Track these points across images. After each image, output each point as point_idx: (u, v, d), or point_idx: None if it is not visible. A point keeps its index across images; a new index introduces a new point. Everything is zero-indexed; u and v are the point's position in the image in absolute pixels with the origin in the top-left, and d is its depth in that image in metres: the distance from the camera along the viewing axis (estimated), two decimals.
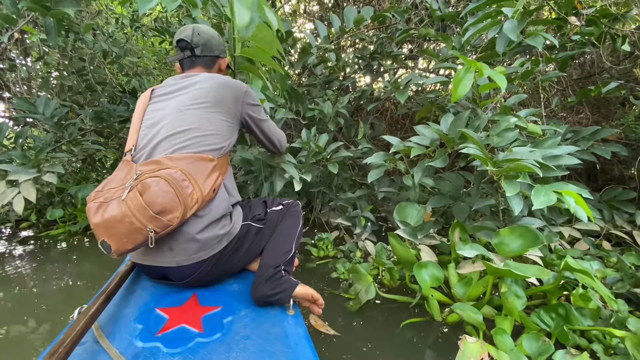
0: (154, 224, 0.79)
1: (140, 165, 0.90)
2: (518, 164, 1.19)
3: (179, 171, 0.85)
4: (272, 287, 0.92)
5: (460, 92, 1.36)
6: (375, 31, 2.37)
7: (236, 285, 1.05)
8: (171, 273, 0.94)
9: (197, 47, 1.11)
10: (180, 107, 0.98)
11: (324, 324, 1.34)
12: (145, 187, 0.80)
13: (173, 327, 0.82)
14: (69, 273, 2.02)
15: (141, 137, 0.98)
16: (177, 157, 0.90)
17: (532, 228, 1.26)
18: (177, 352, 0.75)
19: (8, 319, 1.56)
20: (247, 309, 0.91)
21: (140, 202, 0.78)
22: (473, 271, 1.38)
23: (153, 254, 0.91)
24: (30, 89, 2.91)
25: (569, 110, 2.99)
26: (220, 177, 0.98)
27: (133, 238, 0.80)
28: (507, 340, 1.05)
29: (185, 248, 0.89)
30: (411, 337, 1.34)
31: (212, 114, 0.99)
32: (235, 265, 1.04)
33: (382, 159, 1.69)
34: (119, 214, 0.78)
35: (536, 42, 1.46)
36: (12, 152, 1.95)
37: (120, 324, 0.84)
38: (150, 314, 0.88)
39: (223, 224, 0.96)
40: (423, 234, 1.66)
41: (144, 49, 3.10)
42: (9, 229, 2.76)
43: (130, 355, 0.73)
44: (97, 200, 0.83)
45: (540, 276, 1.05)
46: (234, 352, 0.75)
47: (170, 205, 0.80)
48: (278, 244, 1.06)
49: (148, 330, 0.82)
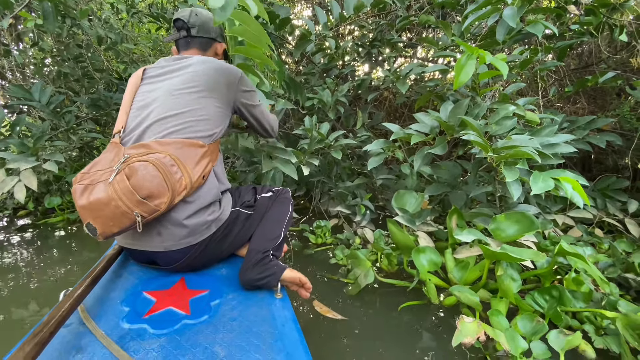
0: (140, 208, 0.78)
1: (128, 148, 0.89)
2: (517, 150, 1.21)
3: (167, 156, 0.84)
4: (260, 271, 0.92)
5: (462, 79, 1.37)
6: (375, 18, 2.35)
7: (224, 269, 1.06)
8: (159, 258, 0.94)
9: (193, 28, 1.10)
10: (172, 91, 0.96)
11: (329, 310, 1.36)
12: (132, 171, 0.79)
13: (160, 310, 0.83)
14: (67, 260, 2.03)
15: (131, 119, 0.96)
16: (166, 142, 0.88)
17: (528, 214, 1.29)
18: (164, 333, 0.75)
19: (6, 306, 1.58)
20: (235, 293, 0.92)
21: (127, 185, 0.77)
22: (470, 256, 1.41)
23: (141, 238, 0.90)
24: (25, 77, 2.87)
25: (566, 100, 3.01)
26: (211, 163, 0.96)
27: (119, 222, 0.79)
28: (502, 320, 1.08)
29: (173, 233, 0.89)
30: (409, 320, 1.38)
31: (205, 99, 0.97)
32: (224, 251, 1.04)
33: (382, 146, 1.70)
34: (105, 197, 0.77)
35: (536, 29, 1.46)
36: (10, 140, 1.94)
37: (106, 307, 0.84)
38: (137, 296, 0.88)
39: (212, 210, 0.96)
40: (421, 221, 1.69)
41: (140, 36, 3.05)
42: (6, 217, 2.76)
43: (117, 336, 0.74)
44: (83, 182, 0.82)
45: (536, 259, 1.09)
46: (221, 333, 0.76)
47: (157, 190, 0.79)
48: (267, 229, 1.06)
49: (135, 312, 0.82)
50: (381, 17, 2.37)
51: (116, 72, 2.50)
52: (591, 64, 2.98)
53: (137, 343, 0.72)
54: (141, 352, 0.70)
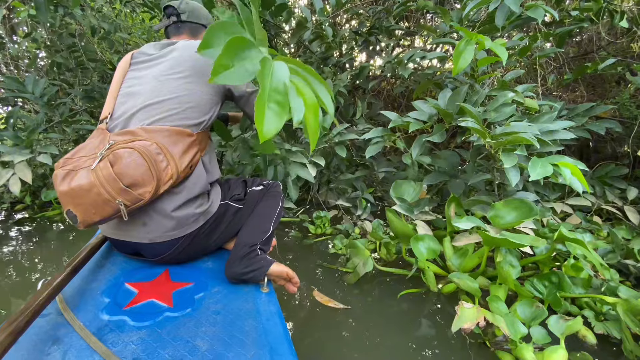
0: (123, 196, 0.75)
1: (114, 134, 0.86)
2: (516, 136, 1.20)
3: (154, 144, 0.81)
4: (246, 265, 0.90)
5: (461, 65, 1.35)
6: (372, 5, 2.32)
7: (210, 262, 1.03)
8: (144, 249, 0.92)
9: (183, 14, 1.09)
10: (159, 77, 0.93)
11: (330, 300, 1.36)
12: (117, 158, 0.76)
13: (142, 302, 0.80)
14: (65, 254, 2.02)
15: (117, 105, 0.93)
16: (153, 130, 0.85)
17: (526, 200, 1.29)
18: (145, 325, 0.73)
19: (4, 300, 1.57)
20: (220, 286, 0.90)
21: (110, 172, 0.75)
22: (468, 243, 1.41)
23: (125, 229, 0.88)
24: (19, 70, 2.83)
25: (565, 88, 2.99)
26: (199, 153, 0.93)
27: (101, 210, 0.76)
28: (501, 306, 1.08)
29: (159, 225, 0.86)
30: (408, 308, 1.38)
31: (191, 85, 0.93)
32: (211, 244, 1.02)
33: (380, 134, 1.69)
34: (87, 184, 0.75)
35: (536, 14, 1.44)
36: (4, 132, 1.92)
37: (86, 297, 0.81)
38: (118, 288, 0.86)
39: (200, 202, 0.93)
40: (419, 210, 1.69)
41: (133, 26, 3.01)
42: (4, 211, 2.74)
43: (95, 328, 0.71)
44: (66, 167, 0.79)
45: (535, 245, 1.08)
46: (203, 326, 0.74)
47: (142, 178, 0.77)
48: (256, 223, 1.04)
49: (115, 304, 0.79)
50: (378, 4, 2.33)
51: (110, 62, 2.46)
52: (590, 51, 2.95)
53: (116, 335, 0.70)
54: (120, 345, 0.68)
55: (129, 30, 2.74)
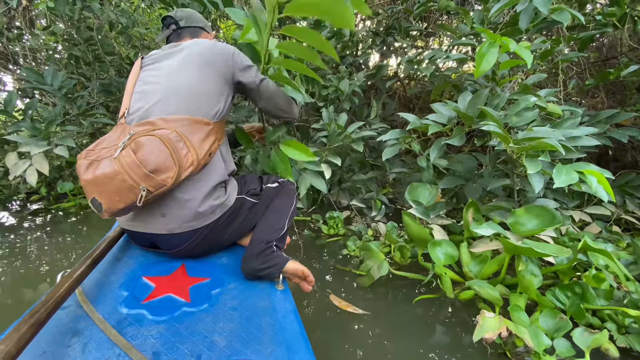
0: (147, 182, 0.78)
1: (133, 126, 0.89)
2: (540, 142, 1.16)
3: (174, 132, 0.84)
4: (262, 261, 0.91)
5: (484, 68, 1.32)
6: (391, 5, 2.29)
7: (225, 258, 1.04)
8: (161, 241, 0.93)
9: (180, 20, 1.16)
10: (171, 71, 0.97)
11: (348, 304, 1.34)
12: (139, 145, 0.79)
13: (159, 296, 0.81)
14: (78, 246, 2.04)
15: (134, 100, 0.97)
16: (172, 119, 0.88)
17: (549, 208, 1.25)
18: (163, 319, 0.73)
19: (17, 290, 1.59)
20: (236, 282, 0.90)
21: (134, 159, 0.77)
22: (487, 250, 1.38)
23: (144, 220, 0.89)
24: (37, 62, 2.87)
25: (584, 93, 2.93)
26: (217, 142, 0.96)
27: (125, 196, 0.78)
28: (523, 316, 1.05)
29: (178, 215, 0.88)
30: (423, 313, 1.36)
31: (203, 76, 0.97)
32: (226, 238, 1.03)
33: (397, 137, 1.66)
34: (111, 171, 0.77)
35: (562, 17, 1.40)
36: (22, 123, 1.93)
37: (105, 290, 0.82)
38: (136, 281, 0.87)
39: (218, 194, 0.95)
40: (435, 214, 1.66)
41: (150, 21, 3.02)
42: (19, 202, 2.78)
43: (115, 321, 0.72)
44: (89, 158, 0.82)
45: (559, 254, 1.05)
46: (221, 322, 0.74)
47: (164, 164, 0.79)
48: (271, 220, 1.05)
49: (133, 297, 0.80)
50: (397, 4, 2.31)
51: (127, 57, 2.48)
52: (612, 56, 2.89)
53: (135, 329, 0.71)
54: (139, 338, 0.68)
55: (146, 26, 2.75)
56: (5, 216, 2.48)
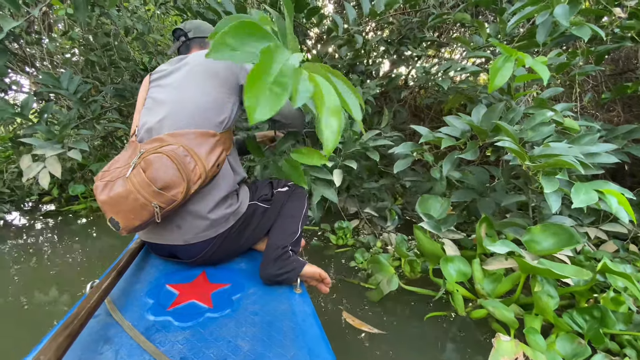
0: (158, 199, 0.80)
1: (144, 144, 0.92)
2: (558, 159, 1.13)
3: (180, 147, 0.86)
4: (280, 266, 0.94)
5: (498, 83, 1.30)
6: (405, 15, 2.28)
7: (244, 264, 1.07)
8: (179, 251, 0.96)
9: (189, 32, 1.20)
10: (177, 86, 0.99)
11: (362, 323, 1.30)
12: (148, 164, 0.82)
13: (183, 303, 0.84)
14: (88, 248, 2.06)
15: (142, 118, 1.00)
16: (179, 134, 0.91)
17: (566, 226, 1.22)
18: (188, 325, 0.76)
19: (27, 290, 1.60)
20: (255, 287, 0.93)
21: (143, 178, 0.80)
22: (500, 268, 1.35)
23: (161, 232, 0.93)
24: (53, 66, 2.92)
25: (600, 107, 2.87)
26: (224, 152, 0.98)
27: (139, 214, 0.81)
28: (539, 340, 1.02)
29: (192, 226, 0.91)
30: (433, 330, 1.33)
31: (208, 86, 0.98)
32: (242, 244, 1.05)
33: (410, 149, 1.64)
34: (124, 191, 0.80)
35: (582, 32, 1.38)
36: (37, 126, 1.96)
37: (131, 299, 0.86)
38: (160, 289, 0.90)
39: (230, 202, 0.98)
40: (447, 228, 1.63)
41: (165, 28, 3.06)
42: (32, 202, 2.82)
43: (143, 328, 0.75)
44: (104, 179, 0.86)
45: (578, 276, 1.02)
46: (243, 327, 0.76)
47: (172, 180, 0.81)
48: (285, 224, 1.07)
49: (159, 304, 0.83)
50: (411, 14, 2.30)
51: (142, 62, 2.51)
52: (628, 69, 2.84)
53: (162, 335, 0.73)
54: (167, 344, 0.70)
55: (161, 32, 2.79)
56: (18, 217, 2.51)
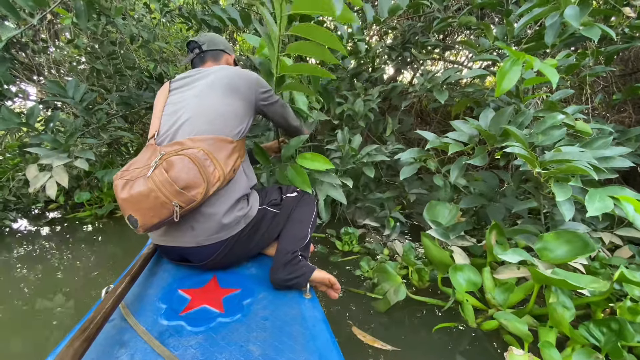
0: (178, 198, 0.84)
1: (164, 147, 0.95)
2: (570, 165, 1.10)
3: (201, 151, 0.90)
4: (290, 271, 0.95)
5: (505, 86, 1.27)
6: (409, 20, 2.26)
7: (254, 269, 1.09)
8: (191, 254, 0.98)
9: (203, 44, 1.24)
10: (198, 94, 1.03)
11: (374, 339, 1.26)
12: (170, 165, 0.85)
13: (195, 307, 0.85)
14: (94, 255, 2.05)
15: (163, 123, 1.04)
16: (198, 139, 0.94)
17: (581, 234, 1.18)
18: (201, 330, 0.77)
19: (35, 296, 1.60)
20: (265, 292, 0.94)
21: (166, 177, 0.83)
22: (512, 277, 1.31)
23: (175, 234, 0.95)
24: (60, 74, 2.95)
25: (611, 108, 2.81)
26: (240, 159, 1.03)
27: (159, 212, 0.84)
28: (555, 354, 0.98)
29: (205, 228, 0.94)
30: (442, 342, 1.29)
31: (228, 98, 1.03)
32: (252, 248, 1.08)
33: (416, 155, 1.61)
34: (146, 190, 0.83)
35: (592, 33, 1.34)
36: (43, 135, 1.97)
37: (145, 304, 0.87)
38: (173, 294, 0.91)
39: (241, 206, 1.01)
40: (455, 235, 1.59)
41: (170, 35, 3.08)
42: (38, 210, 2.84)
43: (157, 332, 0.76)
44: (124, 178, 0.88)
45: (595, 287, 0.98)
46: (254, 332, 0.77)
47: (194, 181, 0.85)
48: (294, 230, 1.09)
49: (172, 309, 0.84)
50: (415, 19, 2.28)
51: (147, 70, 2.52)
52: (637, 70, 2.78)
53: (176, 339, 0.74)
54: (180, 349, 0.71)
55: (166, 40, 2.81)
56: (24, 225, 2.52)
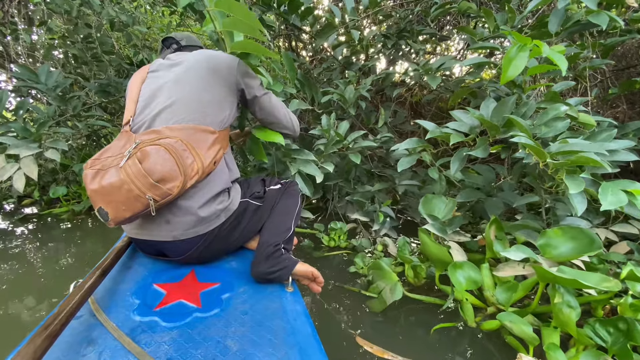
0: (153, 192, 0.78)
1: (139, 134, 0.89)
2: (580, 156, 1.03)
3: (179, 141, 0.84)
4: (272, 264, 0.92)
5: (511, 74, 1.20)
6: (404, 8, 2.18)
7: (234, 262, 1.05)
8: (168, 248, 0.93)
9: (181, 40, 1.20)
10: (178, 79, 0.97)
11: (384, 350, 1.15)
12: (145, 155, 0.79)
13: (171, 302, 0.82)
14: (71, 253, 1.92)
15: (139, 108, 0.97)
16: (177, 128, 0.89)
17: (587, 230, 1.12)
18: (175, 326, 0.74)
19: (8, 296, 1.49)
20: (246, 286, 0.91)
21: (139, 169, 0.77)
22: (513, 274, 1.25)
23: (150, 228, 0.90)
24: (35, 61, 2.77)
25: (605, 103, 2.80)
26: (222, 150, 0.97)
27: (132, 206, 0.79)
28: (561, 357, 0.92)
29: (182, 221, 0.88)
30: (441, 342, 1.22)
31: (209, 83, 0.97)
32: (233, 242, 1.03)
33: (415, 146, 1.53)
34: (118, 181, 0.77)
35: (600, 20, 1.28)
36: (13, 124, 1.82)
37: (117, 299, 0.83)
38: (147, 289, 0.87)
39: (221, 199, 0.96)
40: (452, 230, 1.53)
41: (152, 20, 2.92)
42: (11, 205, 2.67)
43: (128, 328, 0.72)
44: (95, 167, 0.82)
45: (606, 287, 0.92)
46: (233, 326, 0.75)
47: (170, 174, 0.79)
48: (277, 222, 1.06)
49: (145, 305, 0.81)
50: (411, 5, 2.19)
51: (127, 56, 2.37)
52: (630, 65, 2.77)
53: (148, 336, 0.71)
54: (153, 345, 0.69)
55: (148, 25, 2.65)
56: None
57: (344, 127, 1.81)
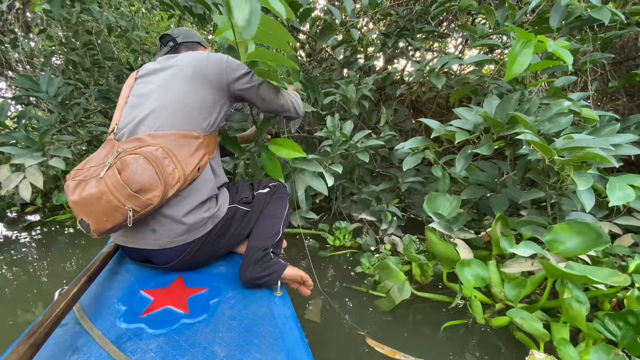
0: (132, 202, 0.77)
1: (122, 142, 0.88)
2: (587, 152, 1.04)
3: (160, 148, 0.83)
4: (260, 269, 0.91)
5: (516, 70, 1.21)
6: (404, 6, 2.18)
7: (223, 267, 1.04)
8: (154, 256, 0.92)
9: (178, 37, 1.18)
10: (163, 85, 0.96)
11: (395, 351, 1.14)
12: (124, 165, 0.78)
13: (158, 309, 0.81)
14: (76, 259, 1.92)
15: (124, 115, 0.96)
16: (159, 135, 0.87)
17: (594, 225, 1.12)
18: (162, 332, 0.73)
19: (13, 304, 1.48)
20: (234, 291, 0.91)
21: (118, 179, 0.76)
22: (520, 271, 1.25)
23: (136, 236, 0.89)
24: (34, 68, 2.76)
25: (605, 96, 2.80)
26: (207, 156, 0.95)
27: (112, 217, 0.77)
28: (572, 352, 0.93)
29: (168, 230, 0.87)
30: (450, 340, 1.23)
31: (195, 88, 0.95)
32: (221, 248, 1.02)
33: (419, 145, 1.54)
34: (97, 192, 0.76)
35: (602, 15, 1.28)
36: (15, 133, 1.82)
37: (102, 306, 0.82)
38: (134, 295, 0.86)
39: (208, 206, 0.94)
40: (458, 227, 1.53)
41: (150, 25, 2.92)
42: (14, 213, 2.67)
43: (114, 336, 0.72)
44: (77, 178, 0.82)
45: (615, 282, 0.93)
46: (220, 332, 0.74)
47: (149, 183, 0.78)
48: (266, 226, 1.05)
49: (132, 311, 0.80)
50: (410, 4, 2.19)
51: (127, 61, 2.37)
52: (629, 58, 2.78)
53: (134, 343, 0.70)
54: (139, 353, 0.68)
55: (147, 29, 2.65)
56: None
57: (349, 128, 1.81)
